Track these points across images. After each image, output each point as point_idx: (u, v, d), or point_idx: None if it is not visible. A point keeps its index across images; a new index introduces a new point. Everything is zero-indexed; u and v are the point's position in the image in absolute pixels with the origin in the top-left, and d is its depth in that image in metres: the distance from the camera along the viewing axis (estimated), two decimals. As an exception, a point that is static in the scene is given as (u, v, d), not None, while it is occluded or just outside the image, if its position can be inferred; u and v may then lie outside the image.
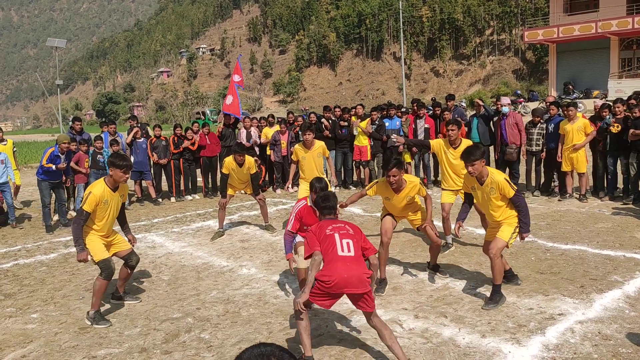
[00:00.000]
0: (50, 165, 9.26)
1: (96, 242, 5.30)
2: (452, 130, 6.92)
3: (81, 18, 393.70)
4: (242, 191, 9.19)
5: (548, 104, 10.88)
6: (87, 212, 5.17)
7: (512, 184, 5.16)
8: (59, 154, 9.52)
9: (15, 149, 11.43)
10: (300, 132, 12.27)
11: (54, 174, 9.52)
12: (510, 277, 5.70)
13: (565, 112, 9.96)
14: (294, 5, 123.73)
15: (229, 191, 8.66)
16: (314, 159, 8.03)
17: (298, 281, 5.60)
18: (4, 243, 8.86)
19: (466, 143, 6.73)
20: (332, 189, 6.76)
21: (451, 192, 7.11)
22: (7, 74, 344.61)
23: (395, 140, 7.65)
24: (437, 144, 7.19)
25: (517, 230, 5.22)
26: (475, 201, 5.61)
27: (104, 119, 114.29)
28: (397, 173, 5.45)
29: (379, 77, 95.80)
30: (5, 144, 10.84)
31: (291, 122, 13.31)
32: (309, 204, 5.68)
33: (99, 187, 5.29)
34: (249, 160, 8.48)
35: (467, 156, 5.17)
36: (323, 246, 4.17)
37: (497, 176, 5.18)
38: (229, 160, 8.43)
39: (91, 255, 5.24)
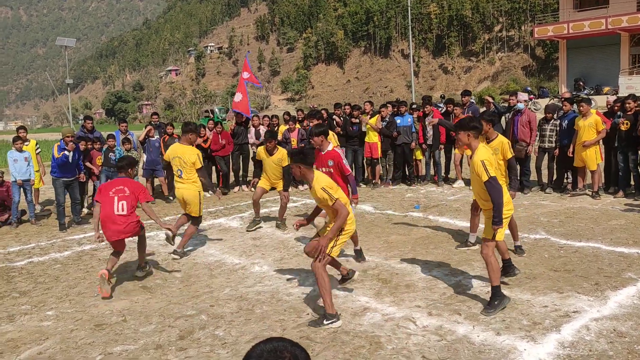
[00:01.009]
0: (62, 154, 9.28)
1: None
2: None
3: (90, 17, 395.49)
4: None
5: (563, 99, 10.81)
6: None
7: (488, 168, 4.90)
8: (65, 147, 9.59)
9: (38, 149, 11.36)
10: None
11: (68, 171, 9.59)
12: (507, 267, 5.65)
13: (578, 108, 9.91)
14: (301, 3, 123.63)
15: (263, 183, 8.65)
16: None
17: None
18: (18, 241, 8.94)
19: (501, 138, 6.63)
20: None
21: None
22: (17, 73, 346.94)
23: (429, 124, 7.83)
24: None
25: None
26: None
27: (113, 118, 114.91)
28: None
29: (387, 75, 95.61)
30: (28, 144, 10.88)
31: (300, 119, 13.31)
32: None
33: None
34: (282, 151, 8.51)
35: (456, 124, 5.28)
36: None
37: (477, 156, 5.00)
38: (260, 148, 8.69)
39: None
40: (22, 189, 10.01)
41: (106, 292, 5.80)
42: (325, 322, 4.79)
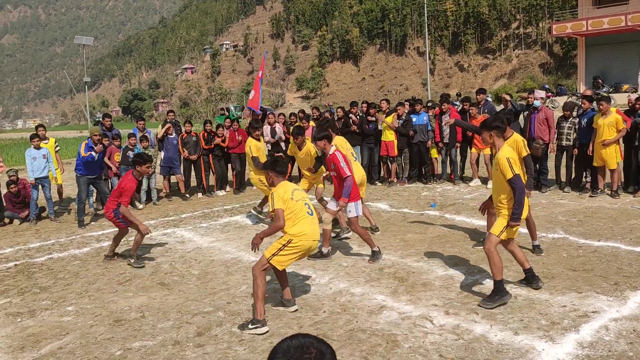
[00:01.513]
0: (89, 153, 9.43)
1: None
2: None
3: (107, 16, 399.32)
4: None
5: (582, 97, 10.69)
6: None
7: (513, 166, 5.01)
8: (92, 145, 9.75)
9: (57, 147, 11.56)
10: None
11: (92, 169, 9.75)
12: (529, 277, 5.44)
13: (598, 106, 9.79)
14: (316, 1, 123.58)
15: (303, 184, 8.64)
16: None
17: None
18: (38, 237, 9.07)
19: (516, 136, 6.58)
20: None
21: None
22: (36, 72, 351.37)
23: (445, 124, 7.90)
24: None
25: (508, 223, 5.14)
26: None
27: (129, 116, 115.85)
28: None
29: (402, 72, 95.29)
30: (47, 142, 11.04)
31: (315, 117, 13.31)
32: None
33: None
34: (309, 144, 8.51)
35: (480, 125, 5.49)
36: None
37: (502, 153, 5.10)
38: (291, 144, 8.87)
39: None
40: (40, 185, 10.15)
41: None
42: (250, 326, 4.79)
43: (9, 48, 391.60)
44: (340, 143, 7.75)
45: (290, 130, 9.85)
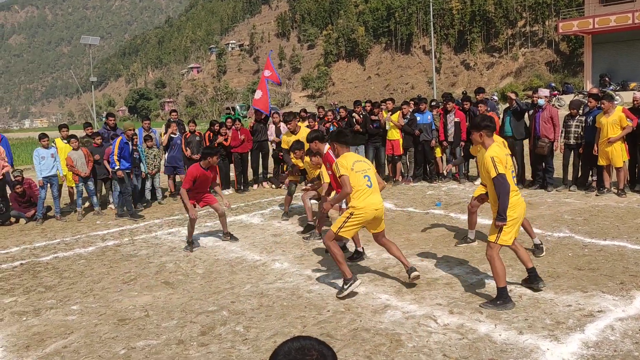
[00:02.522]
0: (118, 163, 9.91)
1: None
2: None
3: (113, 16, 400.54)
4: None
5: (588, 95, 10.63)
6: None
7: (497, 165, 4.92)
8: (127, 141, 10.01)
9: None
10: (331, 128, 12.29)
11: (127, 162, 10.07)
12: (532, 277, 5.37)
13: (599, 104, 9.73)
14: (322, 0, 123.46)
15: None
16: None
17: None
18: (44, 236, 9.11)
19: (497, 138, 6.53)
20: None
21: (483, 187, 6.98)
22: (43, 72, 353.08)
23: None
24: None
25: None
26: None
27: (135, 115, 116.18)
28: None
29: (408, 71, 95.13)
30: (66, 143, 11.02)
31: (321, 117, 13.30)
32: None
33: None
34: (306, 159, 8.40)
35: (470, 125, 5.65)
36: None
37: (487, 153, 5.02)
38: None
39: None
40: (49, 184, 10.21)
41: None
42: (345, 286, 5.36)
43: (17, 48, 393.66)
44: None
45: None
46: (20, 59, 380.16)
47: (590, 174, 10.39)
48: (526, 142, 10.85)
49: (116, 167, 9.89)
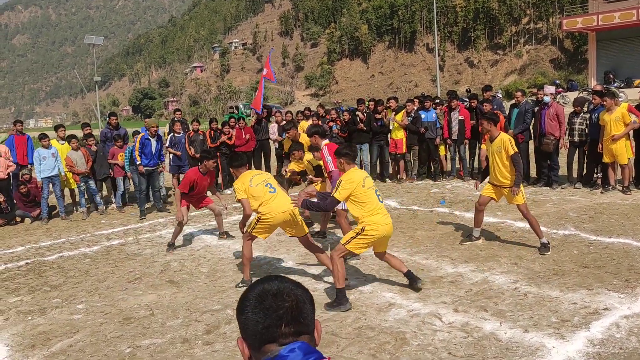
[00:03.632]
0: (139, 159, 10.00)
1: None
2: (482, 124, 6.96)
3: (117, 15, 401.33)
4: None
5: (592, 92, 10.59)
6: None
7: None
8: (149, 137, 10.10)
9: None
10: (333, 127, 12.29)
11: (149, 159, 10.15)
12: (410, 280, 5.47)
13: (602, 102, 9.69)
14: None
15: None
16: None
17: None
18: (49, 236, 9.14)
19: (503, 136, 6.66)
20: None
21: (491, 186, 6.97)
22: (47, 72, 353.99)
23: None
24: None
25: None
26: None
27: (139, 114, 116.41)
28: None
29: (411, 69, 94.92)
30: (63, 144, 11.03)
31: (322, 116, 13.29)
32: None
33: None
34: (307, 155, 8.42)
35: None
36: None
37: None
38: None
39: None
40: (50, 184, 10.23)
41: None
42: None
43: (20, 48, 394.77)
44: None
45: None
46: (24, 59, 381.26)
47: (595, 171, 10.35)
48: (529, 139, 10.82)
49: (138, 163, 9.99)
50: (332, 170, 6.69)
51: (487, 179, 7.01)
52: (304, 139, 8.46)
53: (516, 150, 6.47)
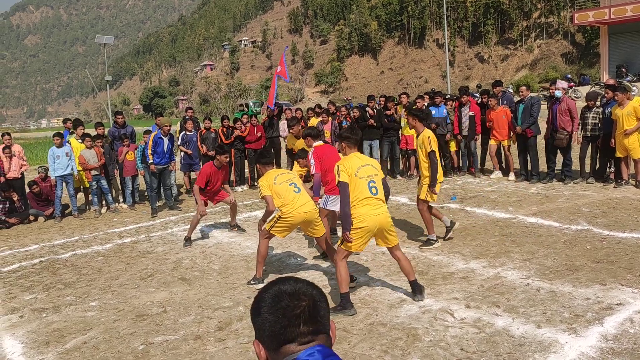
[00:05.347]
0: (151, 157, 10.06)
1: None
2: (407, 120, 7.13)
3: (127, 14, 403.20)
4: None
5: (605, 86, 10.49)
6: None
7: (432, 144, 6.51)
8: (162, 136, 10.19)
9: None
10: (343, 123, 12.27)
11: (161, 158, 10.23)
12: (414, 289, 5.19)
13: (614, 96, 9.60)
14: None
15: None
16: None
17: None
18: (62, 234, 9.22)
19: (426, 132, 6.73)
20: None
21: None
22: (58, 72, 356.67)
23: None
24: None
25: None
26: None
27: (150, 113, 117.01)
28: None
29: (421, 65, 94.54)
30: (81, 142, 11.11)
31: (332, 112, 13.27)
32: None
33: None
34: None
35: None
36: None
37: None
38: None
39: None
40: (64, 182, 10.31)
41: None
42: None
43: (32, 49, 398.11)
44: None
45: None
46: (36, 59, 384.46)
47: (608, 166, 10.25)
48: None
49: (149, 161, 10.08)
50: (314, 173, 6.80)
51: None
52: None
53: (434, 149, 6.54)
